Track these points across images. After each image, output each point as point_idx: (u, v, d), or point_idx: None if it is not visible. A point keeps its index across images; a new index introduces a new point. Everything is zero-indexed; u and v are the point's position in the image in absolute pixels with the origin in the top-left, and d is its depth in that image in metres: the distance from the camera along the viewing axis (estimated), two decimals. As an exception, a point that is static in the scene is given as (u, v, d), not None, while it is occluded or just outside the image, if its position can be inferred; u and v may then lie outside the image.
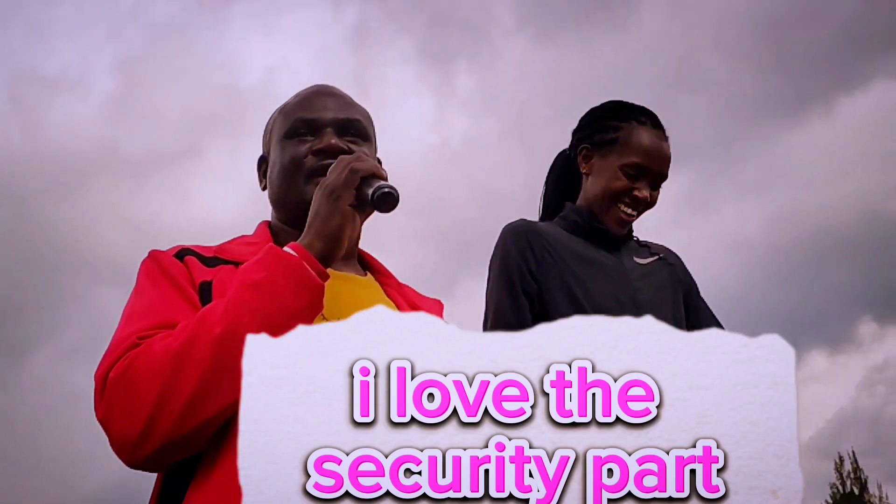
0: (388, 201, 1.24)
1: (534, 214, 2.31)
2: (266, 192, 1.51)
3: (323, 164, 1.37)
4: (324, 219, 1.25)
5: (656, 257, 2.22)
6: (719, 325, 2.28)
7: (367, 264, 1.52)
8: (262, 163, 1.55)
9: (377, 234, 1.33)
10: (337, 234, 1.25)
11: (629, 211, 2.11)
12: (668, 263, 2.24)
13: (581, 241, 2.14)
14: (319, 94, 1.48)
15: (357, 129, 1.45)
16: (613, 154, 2.12)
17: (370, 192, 1.24)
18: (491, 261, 2.14)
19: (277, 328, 1.13)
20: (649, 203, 2.14)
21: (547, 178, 2.32)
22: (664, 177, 2.13)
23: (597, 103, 2.26)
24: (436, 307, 1.52)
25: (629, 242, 2.23)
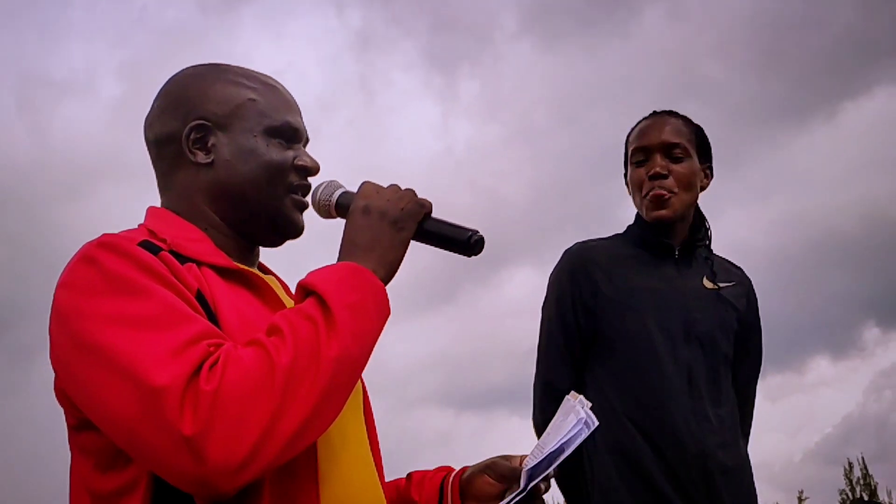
0: (481, 246, 1.26)
1: (536, 220, 2.36)
2: (203, 170, 1.29)
3: (304, 184, 1.32)
4: (387, 248, 1.20)
5: (728, 284, 2.16)
6: (757, 366, 2.26)
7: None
8: (203, 132, 1.30)
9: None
10: (396, 265, 1.21)
11: (653, 185, 2.09)
12: (738, 292, 2.18)
13: (643, 256, 2.13)
14: (291, 100, 1.37)
15: None
16: (629, 163, 2.19)
17: (459, 236, 1.25)
18: (549, 285, 2.18)
19: (366, 353, 1.13)
20: (680, 176, 2.10)
21: None
22: (672, 145, 2.12)
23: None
24: None
25: (699, 258, 2.17)
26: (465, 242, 1.25)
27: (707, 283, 2.13)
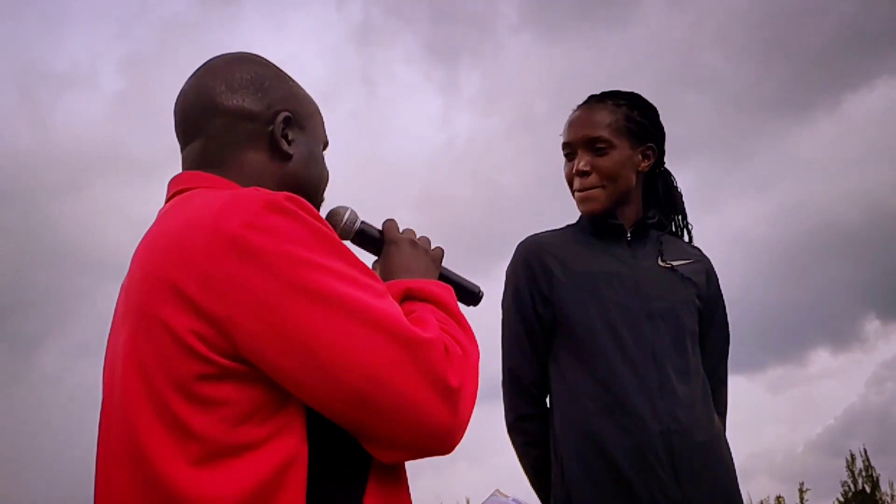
0: (481, 300, 1.49)
1: (536, 211, 2.36)
2: (279, 158, 1.33)
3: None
4: (433, 278, 1.36)
5: (683, 262, 2.14)
6: (725, 343, 2.23)
7: None
8: (287, 124, 1.34)
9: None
10: None
11: (579, 183, 2.10)
12: (695, 269, 2.15)
13: (595, 243, 2.13)
14: None
15: None
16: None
17: (472, 289, 1.48)
18: (506, 279, 2.18)
19: None
20: (604, 170, 2.08)
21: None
22: (595, 139, 2.09)
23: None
24: None
25: (652, 240, 2.15)
26: (475, 294, 1.49)
27: (661, 263, 2.11)
